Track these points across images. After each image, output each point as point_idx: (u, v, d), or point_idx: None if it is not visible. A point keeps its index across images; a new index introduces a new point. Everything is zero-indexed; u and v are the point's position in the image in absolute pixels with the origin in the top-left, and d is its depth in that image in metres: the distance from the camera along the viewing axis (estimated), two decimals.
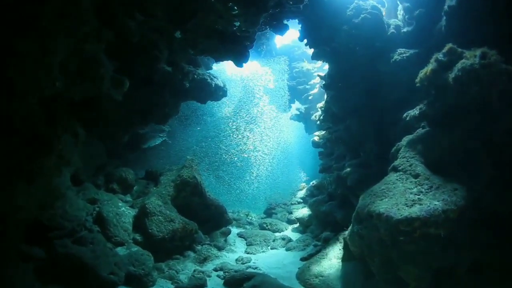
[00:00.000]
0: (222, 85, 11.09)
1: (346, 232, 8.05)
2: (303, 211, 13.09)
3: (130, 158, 14.10)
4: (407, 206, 5.52)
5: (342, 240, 8.22)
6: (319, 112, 13.32)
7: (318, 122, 13.07)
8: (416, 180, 6.08)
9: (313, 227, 11.81)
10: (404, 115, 7.37)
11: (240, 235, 11.05)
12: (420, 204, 5.41)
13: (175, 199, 8.76)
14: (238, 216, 14.40)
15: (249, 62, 19.07)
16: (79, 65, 5.20)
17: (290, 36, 22.23)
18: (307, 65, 19.12)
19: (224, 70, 18.25)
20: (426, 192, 5.70)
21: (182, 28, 7.21)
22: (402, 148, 6.99)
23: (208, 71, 11.23)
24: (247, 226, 13.07)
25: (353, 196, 9.35)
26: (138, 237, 7.76)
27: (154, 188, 9.71)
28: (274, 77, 19.29)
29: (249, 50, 8.50)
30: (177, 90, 10.58)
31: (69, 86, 5.16)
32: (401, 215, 5.30)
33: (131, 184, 9.48)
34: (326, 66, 13.62)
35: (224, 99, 12.82)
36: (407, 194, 5.80)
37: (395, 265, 5.57)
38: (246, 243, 10.57)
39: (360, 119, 9.70)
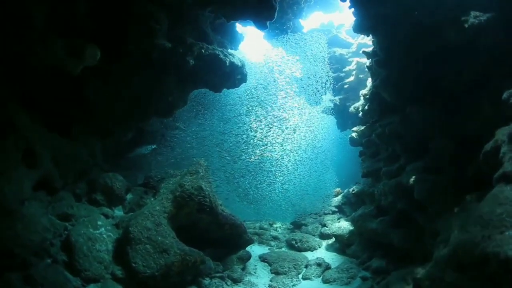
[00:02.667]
0: (240, 64, 8.54)
1: (418, 270, 5.61)
2: (341, 225, 10.52)
3: (135, 160, 12.18)
4: None
5: (409, 281, 5.66)
6: (361, 102, 10.74)
7: (361, 114, 10.48)
8: None
9: (356, 247, 9.25)
10: (505, 95, 5.08)
11: (263, 259, 8.62)
12: None
13: (174, 217, 6.38)
14: (261, 229, 12.00)
15: (273, 48, 16.95)
16: None
17: (318, 19, 19.75)
18: (340, 50, 16.54)
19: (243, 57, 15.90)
20: None
21: None
22: (505, 146, 4.60)
23: (221, 49, 8.81)
24: (272, 243, 10.66)
25: (420, 213, 6.80)
26: (118, 271, 5.51)
27: (152, 200, 7.49)
28: (302, 66, 16.70)
29: (276, 1, 6.04)
30: (182, 74, 8.32)
31: None
32: None
33: (119, 194, 7.26)
34: (362, 50, 11.08)
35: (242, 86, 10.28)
36: None
37: None
38: (271, 270, 8.14)
39: (425, 107, 7.32)
